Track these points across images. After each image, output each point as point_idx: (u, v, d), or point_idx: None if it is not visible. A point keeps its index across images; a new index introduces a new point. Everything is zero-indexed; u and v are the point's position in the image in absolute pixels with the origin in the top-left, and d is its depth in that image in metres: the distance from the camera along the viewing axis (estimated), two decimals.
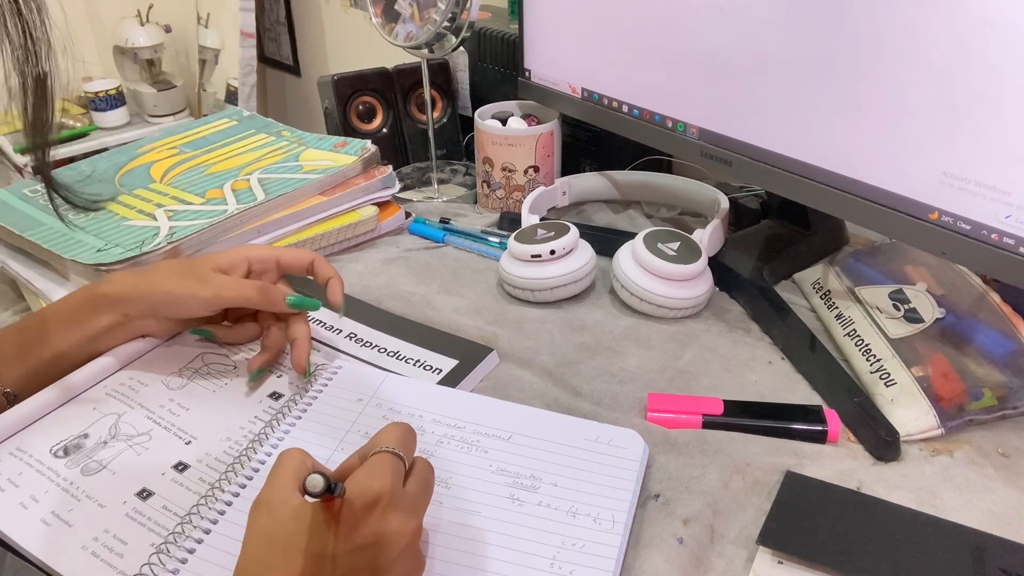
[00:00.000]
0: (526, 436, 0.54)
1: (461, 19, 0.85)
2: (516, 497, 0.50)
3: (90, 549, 0.46)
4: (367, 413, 0.56)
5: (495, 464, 0.52)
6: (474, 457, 0.53)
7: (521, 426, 0.55)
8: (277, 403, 0.58)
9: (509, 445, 0.54)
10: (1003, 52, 0.50)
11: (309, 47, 1.85)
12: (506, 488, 0.51)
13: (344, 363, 0.61)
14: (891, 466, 0.55)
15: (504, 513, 0.49)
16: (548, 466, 0.52)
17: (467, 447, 0.54)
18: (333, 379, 0.59)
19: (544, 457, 0.53)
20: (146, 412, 0.56)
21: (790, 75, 0.63)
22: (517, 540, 0.47)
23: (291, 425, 0.55)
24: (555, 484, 0.51)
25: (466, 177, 1.04)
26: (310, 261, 0.62)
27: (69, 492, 0.50)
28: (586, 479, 0.51)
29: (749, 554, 0.48)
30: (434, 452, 0.53)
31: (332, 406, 0.57)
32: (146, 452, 0.53)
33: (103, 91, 1.98)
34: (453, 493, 0.50)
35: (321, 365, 0.60)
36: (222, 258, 0.60)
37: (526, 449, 0.53)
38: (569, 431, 0.55)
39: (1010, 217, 0.53)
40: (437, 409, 0.57)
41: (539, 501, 0.50)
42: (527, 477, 0.51)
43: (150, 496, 0.50)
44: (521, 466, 0.52)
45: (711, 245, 0.74)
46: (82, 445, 0.53)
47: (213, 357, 0.62)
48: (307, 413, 0.56)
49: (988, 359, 0.60)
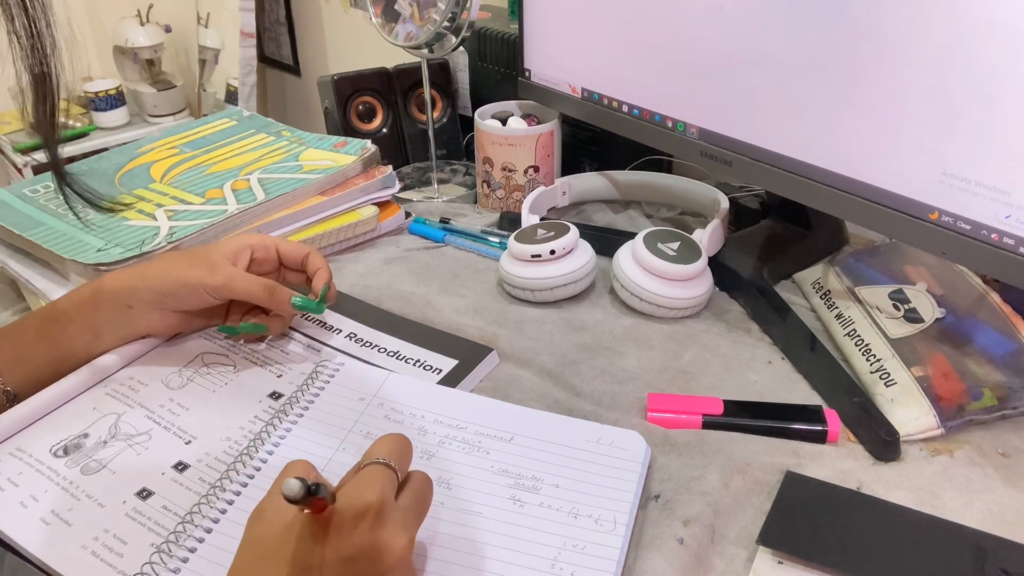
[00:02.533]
0: (528, 437, 0.54)
1: (461, 19, 0.85)
2: (517, 498, 0.50)
3: (90, 549, 0.46)
4: (369, 413, 0.56)
5: (497, 465, 0.52)
6: (476, 458, 0.53)
7: (523, 427, 0.55)
8: (277, 403, 0.58)
9: (511, 446, 0.54)
10: (1003, 52, 0.50)
11: (309, 47, 1.85)
12: (508, 489, 0.51)
13: (346, 361, 0.61)
14: (891, 466, 0.55)
15: (505, 514, 0.49)
16: (550, 467, 0.52)
17: (469, 448, 0.54)
18: (335, 377, 0.59)
19: (546, 458, 0.53)
20: (146, 412, 0.56)
21: (790, 75, 0.63)
22: (518, 541, 0.47)
23: (292, 423, 0.55)
24: (557, 485, 0.51)
25: (466, 177, 1.03)
26: (306, 254, 0.64)
27: (69, 491, 0.50)
28: (588, 480, 0.51)
29: (749, 554, 0.48)
30: (436, 452, 0.53)
31: (334, 404, 0.57)
32: (146, 452, 0.53)
33: (103, 91, 1.98)
34: (454, 494, 0.50)
35: (322, 362, 0.60)
36: (227, 247, 0.61)
37: (528, 450, 0.53)
38: (571, 432, 0.55)
39: (1010, 217, 0.53)
40: (439, 410, 0.56)
41: (540, 502, 0.50)
42: (529, 478, 0.51)
43: (150, 496, 0.50)
44: (523, 467, 0.52)
45: (711, 245, 0.74)
46: (82, 445, 0.53)
47: (213, 357, 0.62)
48: (308, 411, 0.56)
49: (988, 359, 0.60)
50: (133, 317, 0.59)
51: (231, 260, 0.60)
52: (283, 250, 0.64)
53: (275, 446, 0.53)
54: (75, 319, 0.58)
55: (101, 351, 0.59)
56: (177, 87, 2.07)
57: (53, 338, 0.57)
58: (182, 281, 0.58)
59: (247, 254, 0.62)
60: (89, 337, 0.58)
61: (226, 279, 0.58)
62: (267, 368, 0.61)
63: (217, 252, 0.60)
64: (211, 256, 0.60)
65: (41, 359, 0.57)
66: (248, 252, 0.62)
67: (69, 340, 0.57)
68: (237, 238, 0.63)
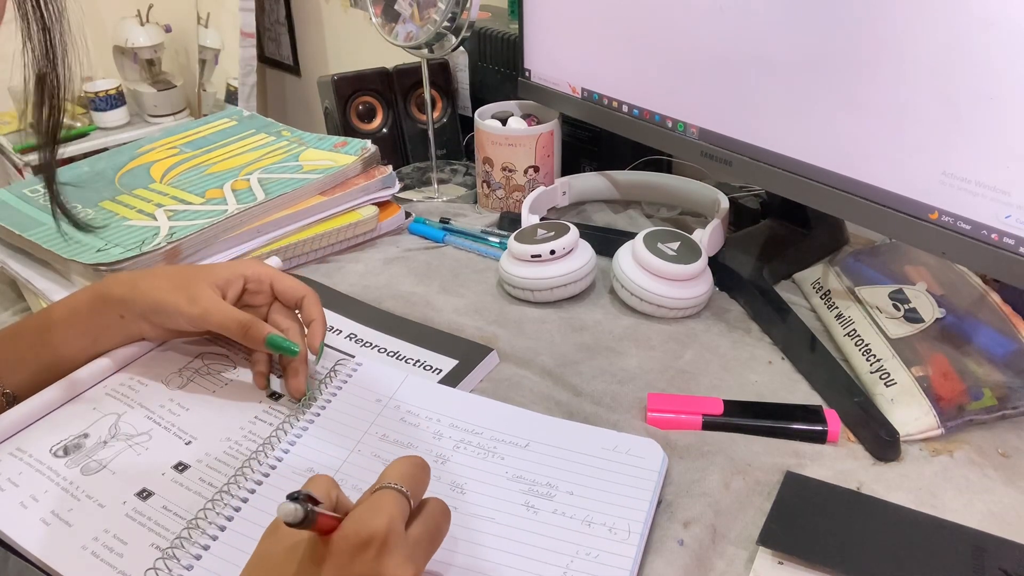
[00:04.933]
0: (543, 444, 0.54)
1: (461, 19, 0.85)
2: (531, 504, 0.50)
3: (90, 549, 0.46)
4: (385, 415, 0.56)
5: (511, 471, 0.52)
6: (490, 463, 0.53)
7: (539, 434, 0.55)
8: (278, 403, 0.58)
9: (526, 452, 0.53)
10: (1003, 52, 0.50)
11: (309, 47, 1.85)
12: (521, 495, 0.50)
13: (364, 361, 0.60)
14: (891, 466, 0.55)
15: (518, 520, 0.49)
16: (564, 474, 0.52)
17: (484, 453, 0.53)
18: (352, 377, 0.59)
19: (561, 465, 0.52)
20: (146, 412, 0.56)
21: (790, 75, 0.63)
22: (531, 548, 0.47)
23: (309, 422, 0.54)
24: (571, 492, 0.50)
25: (466, 177, 1.03)
26: (302, 296, 0.60)
27: (69, 492, 0.50)
28: (603, 488, 0.50)
29: (749, 554, 0.48)
30: (450, 457, 0.53)
31: (351, 405, 0.56)
32: (146, 452, 0.53)
33: (103, 91, 1.98)
34: (468, 499, 0.50)
35: (341, 360, 0.60)
36: (219, 274, 0.59)
37: (543, 457, 0.53)
38: (587, 440, 0.54)
39: (1010, 217, 0.53)
40: (455, 414, 0.56)
41: (554, 509, 0.49)
42: (543, 485, 0.51)
43: (150, 496, 0.50)
44: (537, 473, 0.52)
45: (711, 245, 0.74)
46: (82, 445, 0.53)
47: (213, 358, 0.62)
48: (325, 411, 0.56)
49: (988, 359, 0.60)
50: (127, 325, 0.59)
51: (221, 287, 0.58)
52: (279, 288, 0.61)
53: (291, 445, 0.53)
54: (73, 324, 0.57)
55: (98, 354, 0.59)
56: (177, 87, 2.07)
57: (51, 342, 0.57)
58: (163, 304, 0.57)
59: (239, 284, 0.59)
60: (86, 342, 0.58)
61: (202, 312, 0.56)
62: None
63: (206, 279, 0.58)
64: (196, 283, 0.58)
65: (39, 363, 0.56)
66: (240, 282, 0.59)
67: (66, 344, 0.57)
68: (234, 265, 0.61)
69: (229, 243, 0.75)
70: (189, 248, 0.72)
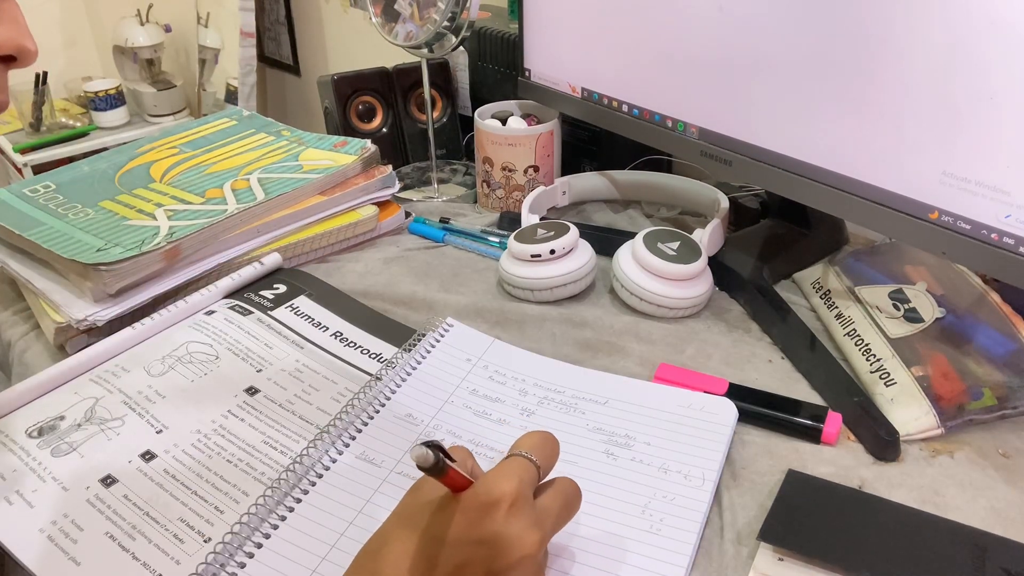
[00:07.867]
0: (622, 401, 0.58)
1: (461, 19, 0.85)
2: (611, 452, 0.53)
3: (47, 532, 0.46)
4: (475, 372, 0.61)
5: (591, 423, 0.56)
6: (572, 416, 0.57)
7: (618, 392, 0.59)
8: (253, 398, 0.57)
9: (606, 408, 0.57)
10: (1003, 52, 0.50)
11: (309, 47, 1.85)
12: (602, 444, 0.54)
13: (455, 323, 0.66)
14: (892, 465, 0.55)
15: (599, 465, 0.52)
16: (642, 428, 0.55)
17: (566, 408, 0.58)
18: (445, 337, 0.63)
19: (638, 420, 0.56)
20: (123, 397, 0.56)
21: (790, 75, 0.63)
22: (611, 489, 0.50)
23: (408, 374, 0.59)
24: (648, 443, 0.54)
25: (466, 177, 1.04)
26: None
27: (36, 472, 0.50)
28: (678, 440, 0.54)
29: (750, 550, 0.48)
30: (535, 411, 0.57)
31: (443, 362, 0.61)
32: (117, 437, 0.53)
33: (103, 91, 1.98)
34: None
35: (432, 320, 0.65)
36: None
37: (622, 412, 0.57)
38: (664, 398, 0.58)
39: (1010, 217, 0.53)
40: (539, 375, 0.61)
41: (632, 457, 0.53)
42: (621, 436, 0.55)
43: (113, 483, 0.50)
44: (616, 426, 0.56)
45: (711, 245, 0.74)
46: (56, 427, 0.53)
47: (198, 346, 0.62)
48: (421, 366, 0.60)
49: (988, 359, 0.60)
50: None
51: None
52: None
53: (392, 392, 0.56)
54: None
55: None
56: (177, 87, 2.07)
57: None
58: None
59: None
60: None
61: None
62: (248, 362, 0.62)
63: None
64: None
65: None
66: None
67: None
68: None
69: (229, 243, 0.75)
70: (189, 248, 0.72)
